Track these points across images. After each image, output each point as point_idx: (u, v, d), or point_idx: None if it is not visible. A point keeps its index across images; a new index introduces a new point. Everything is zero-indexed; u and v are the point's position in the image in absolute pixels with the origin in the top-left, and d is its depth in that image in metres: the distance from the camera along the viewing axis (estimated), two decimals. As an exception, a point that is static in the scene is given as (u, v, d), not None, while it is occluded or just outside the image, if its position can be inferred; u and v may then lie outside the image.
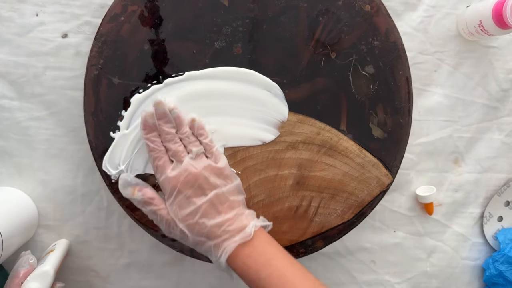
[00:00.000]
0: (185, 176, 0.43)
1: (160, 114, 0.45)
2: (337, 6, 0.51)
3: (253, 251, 0.42)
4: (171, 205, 0.44)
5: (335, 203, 0.51)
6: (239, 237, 0.42)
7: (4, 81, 0.53)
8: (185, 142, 0.45)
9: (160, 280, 0.58)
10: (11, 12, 0.52)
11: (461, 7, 0.58)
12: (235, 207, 0.44)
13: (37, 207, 0.55)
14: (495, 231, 0.62)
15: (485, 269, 0.61)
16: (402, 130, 0.53)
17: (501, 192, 0.62)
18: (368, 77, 0.52)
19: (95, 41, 0.49)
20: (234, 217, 0.43)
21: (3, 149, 0.54)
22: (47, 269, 0.48)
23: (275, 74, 0.50)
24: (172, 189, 0.43)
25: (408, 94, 0.53)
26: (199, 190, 0.43)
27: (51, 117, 0.54)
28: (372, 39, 0.51)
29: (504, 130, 0.61)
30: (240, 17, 0.50)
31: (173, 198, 0.43)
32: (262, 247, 0.43)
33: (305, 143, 0.51)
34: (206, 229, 0.43)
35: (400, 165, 0.53)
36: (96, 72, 0.49)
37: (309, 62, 0.51)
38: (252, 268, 0.42)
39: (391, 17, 0.52)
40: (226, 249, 0.42)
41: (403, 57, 0.52)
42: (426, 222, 0.61)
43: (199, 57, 0.49)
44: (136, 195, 0.44)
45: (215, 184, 0.44)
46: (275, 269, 0.41)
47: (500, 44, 0.60)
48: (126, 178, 0.45)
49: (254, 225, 0.43)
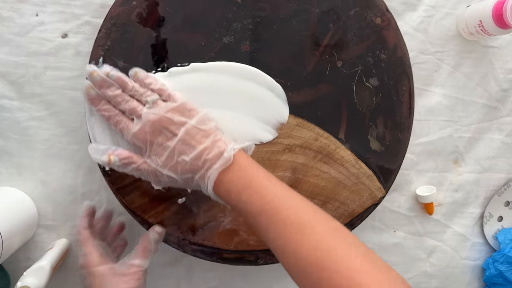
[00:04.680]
0: (149, 126, 0.43)
1: (98, 83, 0.44)
2: (348, 16, 0.51)
3: (233, 175, 0.41)
4: (150, 157, 0.43)
5: (326, 210, 0.51)
6: (219, 164, 0.41)
7: (4, 81, 0.53)
8: (137, 97, 0.45)
9: (160, 280, 0.58)
10: (11, 12, 0.52)
11: (461, 7, 0.58)
12: (210, 135, 0.43)
13: (37, 207, 0.55)
14: (495, 231, 0.62)
15: (485, 269, 0.61)
16: (400, 145, 0.53)
17: (501, 192, 0.62)
18: (371, 89, 0.52)
19: (105, 22, 0.48)
20: (211, 144, 0.43)
21: (3, 149, 0.54)
22: (43, 265, 0.48)
23: (279, 76, 0.50)
24: (143, 142, 0.43)
25: (409, 110, 0.53)
26: (168, 133, 0.43)
27: (51, 117, 0.54)
28: (380, 52, 0.51)
29: (504, 130, 0.61)
30: (251, 15, 0.49)
31: (148, 150, 0.43)
32: (243, 171, 0.42)
33: (302, 147, 0.51)
34: (188, 165, 0.42)
35: (394, 180, 0.54)
36: (102, 53, 0.48)
37: (315, 68, 0.51)
38: (233, 193, 0.41)
39: (400, 32, 0.52)
40: (209, 178, 0.42)
41: (409, 73, 0.52)
42: (426, 222, 0.61)
43: (206, 50, 0.49)
44: (113, 160, 0.44)
45: (181, 122, 0.43)
46: (254, 191, 0.40)
47: (500, 44, 0.60)
48: (95, 147, 0.45)
49: (232, 149, 0.42)
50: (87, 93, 0.45)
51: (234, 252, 0.52)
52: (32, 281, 0.46)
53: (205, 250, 0.51)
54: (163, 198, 0.50)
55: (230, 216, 0.51)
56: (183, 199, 0.50)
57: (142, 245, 0.47)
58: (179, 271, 0.58)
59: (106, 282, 0.44)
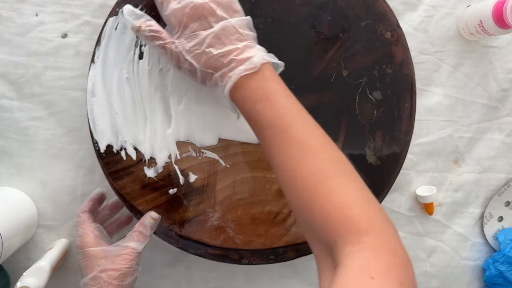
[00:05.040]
0: (190, 7, 0.41)
1: None
2: (359, 27, 0.51)
3: (254, 83, 0.40)
4: (179, 39, 0.42)
5: None
6: (244, 67, 0.40)
7: (4, 81, 0.53)
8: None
9: (160, 280, 0.58)
10: (11, 12, 0.52)
11: (461, 7, 0.58)
12: (244, 40, 0.41)
13: (37, 207, 0.55)
14: (495, 231, 0.62)
15: (485, 269, 0.61)
16: (396, 161, 0.53)
17: (501, 192, 0.62)
18: (374, 102, 0.51)
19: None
20: (243, 47, 0.41)
21: (3, 149, 0.54)
22: (43, 265, 0.48)
23: (283, 78, 0.49)
24: (179, 22, 0.42)
25: (409, 128, 0.52)
26: (206, 22, 0.41)
27: (51, 117, 0.54)
28: (386, 66, 0.51)
29: (504, 130, 0.61)
30: (263, 15, 0.49)
31: (180, 32, 0.42)
32: (264, 81, 0.40)
33: None
34: (213, 59, 0.41)
35: (387, 194, 0.53)
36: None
37: (320, 74, 0.51)
38: (249, 100, 0.40)
39: (409, 50, 0.52)
40: (230, 78, 0.40)
41: (413, 91, 0.52)
42: (426, 222, 0.61)
43: None
44: (144, 29, 0.43)
45: (222, 17, 0.41)
46: (269, 104, 0.39)
47: (500, 44, 0.60)
48: (131, 9, 0.44)
49: (262, 58, 0.40)
50: None
51: (219, 248, 0.51)
52: (32, 281, 0.46)
53: (191, 243, 0.51)
54: (155, 187, 0.50)
55: (220, 212, 0.51)
56: (175, 190, 0.50)
57: (138, 229, 0.47)
58: (179, 271, 0.58)
59: (99, 262, 0.45)
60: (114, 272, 0.44)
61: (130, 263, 0.45)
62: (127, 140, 0.49)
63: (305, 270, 0.60)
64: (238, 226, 0.51)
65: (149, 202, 0.50)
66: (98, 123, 0.48)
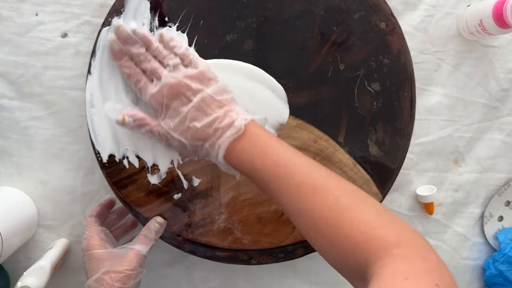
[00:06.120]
0: (167, 89, 0.43)
1: (123, 38, 0.45)
2: (353, 19, 0.50)
3: (246, 144, 0.41)
4: (164, 120, 0.44)
5: None
6: (230, 133, 0.42)
7: (4, 80, 0.53)
8: (160, 58, 0.45)
9: (160, 280, 0.58)
10: (10, 11, 0.52)
11: (462, 7, 0.58)
12: (224, 106, 0.43)
13: (37, 207, 0.55)
14: (495, 231, 0.62)
15: (486, 269, 0.61)
16: (399, 151, 0.53)
17: (502, 192, 0.62)
18: (373, 93, 0.51)
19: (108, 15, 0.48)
20: (224, 114, 0.43)
21: (3, 149, 0.54)
22: (43, 265, 0.48)
23: (281, 76, 0.50)
24: (159, 104, 0.44)
25: (410, 117, 0.52)
26: (184, 98, 0.43)
27: (51, 117, 0.54)
28: (383, 57, 0.51)
29: (505, 130, 0.61)
30: (256, 14, 0.49)
31: (163, 113, 0.44)
32: (255, 138, 0.42)
33: (301, 148, 0.51)
34: (199, 131, 0.42)
35: (392, 185, 0.53)
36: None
37: (317, 70, 0.51)
38: (247, 161, 0.41)
39: (405, 39, 0.52)
40: (220, 146, 0.42)
41: (411, 80, 0.52)
42: (426, 222, 0.61)
43: (209, 47, 0.49)
44: (127, 120, 0.45)
45: (198, 89, 0.43)
46: (269, 157, 0.40)
47: (500, 43, 0.60)
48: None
49: (244, 119, 0.42)
50: (111, 47, 0.45)
51: (228, 250, 0.51)
52: (32, 281, 0.46)
53: (199, 247, 0.51)
54: (160, 193, 0.50)
55: (225, 214, 0.51)
56: (179, 195, 0.50)
57: (143, 233, 0.48)
58: (179, 271, 0.58)
59: (103, 265, 0.45)
60: (117, 274, 0.44)
61: (133, 266, 0.45)
62: (129, 148, 0.49)
63: (305, 270, 0.60)
64: (245, 227, 0.51)
65: (154, 208, 0.50)
66: (99, 133, 0.48)
